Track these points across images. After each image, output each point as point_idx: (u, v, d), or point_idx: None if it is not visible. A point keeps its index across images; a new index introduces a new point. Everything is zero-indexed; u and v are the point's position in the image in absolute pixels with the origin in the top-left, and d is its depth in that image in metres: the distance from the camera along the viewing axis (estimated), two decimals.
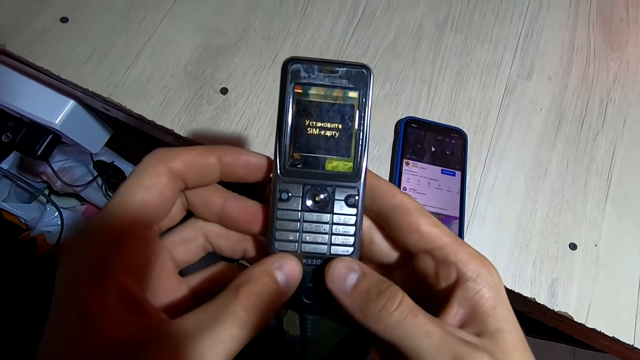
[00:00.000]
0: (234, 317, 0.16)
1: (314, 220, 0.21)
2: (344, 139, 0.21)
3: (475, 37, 0.48)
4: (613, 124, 0.47)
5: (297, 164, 0.21)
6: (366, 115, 0.21)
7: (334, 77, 0.21)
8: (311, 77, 0.21)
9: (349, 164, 0.21)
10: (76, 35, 0.42)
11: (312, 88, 0.21)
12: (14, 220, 0.78)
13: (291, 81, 0.21)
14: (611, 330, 0.38)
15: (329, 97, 0.21)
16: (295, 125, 0.21)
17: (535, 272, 0.40)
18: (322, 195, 0.21)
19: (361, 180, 0.21)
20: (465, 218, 0.40)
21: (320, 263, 0.21)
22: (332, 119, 0.21)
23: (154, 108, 0.41)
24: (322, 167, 0.21)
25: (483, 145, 0.44)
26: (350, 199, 0.21)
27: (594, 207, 0.43)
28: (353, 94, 0.21)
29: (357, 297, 0.18)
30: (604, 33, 0.51)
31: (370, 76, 0.21)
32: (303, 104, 0.21)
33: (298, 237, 0.21)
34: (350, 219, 0.21)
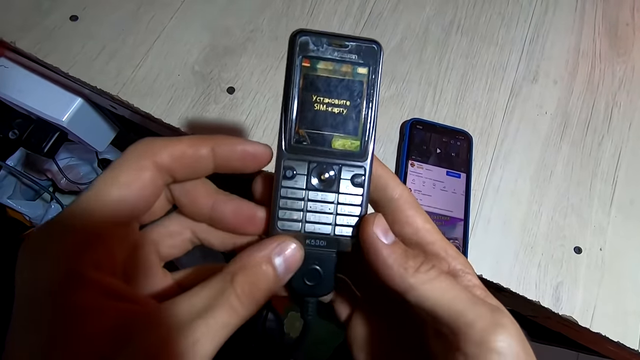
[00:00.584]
0: (229, 306, 0.16)
1: (319, 199, 0.21)
2: (352, 117, 0.20)
3: (481, 39, 0.48)
4: (618, 129, 0.47)
5: (302, 140, 0.20)
6: (375, 92, 0.20)
7: (344, 51, 0.20)
8: (320, 51, 0.20)
9: (356, 142, 0.20)
10: (85, 33, 0.42)
11: (321, 62, 0.20)
12: (18, 218, 0.78)
13: (299, 54, 0.20)
14: (616, 335, 0.38)
15: (338, 72, 0.20)
16: (301, 100, 0.20)
17: (540, 275, 0.40)
18: (328, 174, 0.20)
19: (368, 159, 0.21)
20: (470, 220, 0.40)
21: (324, 245, 0.21)
22: (340, 95, 0.20)
23: (161, 106, 0.41)
24: (329, 144, 0.20)
25: (488, 147, 0.44)
26: (357, 179, 0.21)
27: (599, 211, 0.43)
28: (362, 70, 0.20)
29: (397, 251, 0.19)
30: (609, 37, 0.51)
31: (380, 52, 0.20)
32: (310, 78, 0.20)
33: (302, 216, 0.21)
34: (356, 199, 0.21)
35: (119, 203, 0.16)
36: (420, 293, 0.18)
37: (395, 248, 0.19)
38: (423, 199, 0.40)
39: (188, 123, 0.41)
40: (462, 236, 0.39)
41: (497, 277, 0.39)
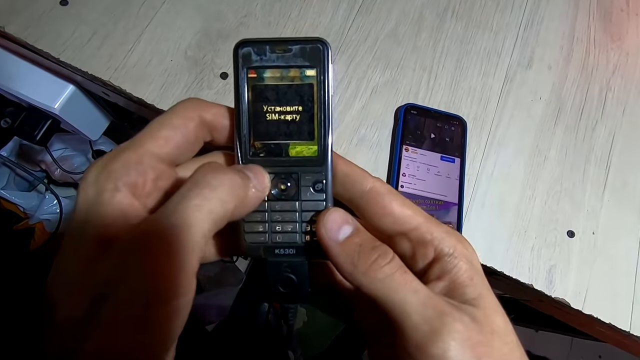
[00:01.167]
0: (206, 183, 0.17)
1: (282, 209, 0.20)
2: (306, 122, 0.20)
3: (476, 25, 0.48)
4: (612, 114, 0.47)
5: (259, 152, 0.20)
6: (326, 93, 0.20)
7: (288, 56, 0.19)
8: (264, 60, 0.20)
9: (313, 147, 0.20)
10: (76, 17, 0.42)
11: (267, 71, 0.20)
12: (12, 209, 0.78)
13: (243, 66, 0.20)
14: (608, 317, 0.39)
15: (286, 79, 0.20)
16: (252, 113, 0.20)
17: (533, 259, 0.40)
18: (288, 184, 0.20)
19: (328, 163, 0.20)
20: (464, 204, 0.40)
21: (293, 253, 0.21)
22: (290, 101, 0.20)
23: (153, 92, 0.41)
24: (286, 153, 0.20)
25: (482, 132, 0.44)
26: (318, 185, 0.20)
27: (593, 195, 0.43)
28: (310, 72, 0.20)
29: (349, 248, 0.19)
30: (604, 23, 0.51)
31: (326, 50, 0.20)
32: (259, 89, 0.20)
33: (267, 227, 0.20)
34: (319, 205, 0.20)
35: (166, 140, 0.18)
36: (369, 292, 0.18)
37: (346, 245, 0.19)
38: (417, 184, 0.40)
39: None
40: (456, 220, 0.40)
41: (490, 261, 0.39)
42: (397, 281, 0.18)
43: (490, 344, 0.17)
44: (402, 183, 0.40)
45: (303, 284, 0.21)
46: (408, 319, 0.17)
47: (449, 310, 0.17)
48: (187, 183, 0.17)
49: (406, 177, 0.40)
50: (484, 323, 0.17)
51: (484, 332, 0.17)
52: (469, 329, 0.17)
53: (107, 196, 0.17)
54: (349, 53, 0.45)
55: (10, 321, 0.68)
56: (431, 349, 0.16)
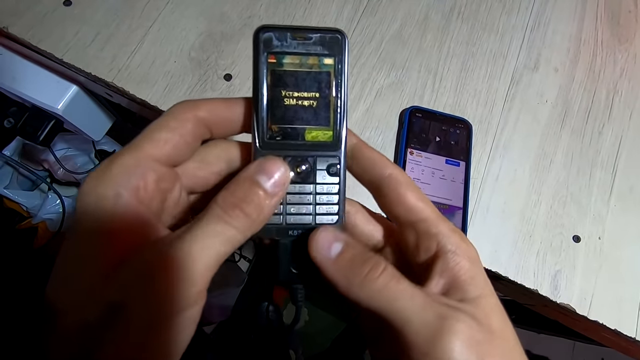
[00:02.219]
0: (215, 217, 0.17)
1: (297, 191, 0.21)
2: (322, 108, 0.21)
3: (482, 27, 0.48)
4: (619, 117, 0.46)
5: (276, 136, 0.21)
6: (343, 82, 0.21)
7: (308, 44, 0.20)
8: (284, 46, 0.20)
9: (328, 132, 0.21)
10: (79, 18, 0.41)
11: (286, 57, 0.20)
12: (15, 208, 0.78)
13: (264, 51, 0.20)
14: (613, 323, 0.38)
15: (305, 65, 0.20)
16: (271, 97, 0.20)
17: (538, 264, 0.40)
18: (303, 167, 0.21)
19: (342, 148, 0.21)
20: (469, 208, 0.40)
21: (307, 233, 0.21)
22: (308, 87, 0.20)
23: (157, 93, 0.40)
24: (302, 137, 0.21)
25: (488, 135, 0.44)
26: (332, 168, 0.21)
27: (599, 200, 0.43)
28: (329, 61, 0.20)
29: (342, 265, 0.19)
30: (611, 25, 0.50)
31: (345, 41, 0.20)
32: (278, 74, 0.20)
33: (282, 209, 0.21)
34: (334, 188, 0.21)
35: (164, 142, 0.19)
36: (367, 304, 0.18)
37: (338, 262, 0.19)
38: (422, 188, 0.40)
39: None
40: (460, 225, 0.39)
41: (495, 266, 0.39)
42: (393, 290, 0.18)
43: (491, 343, 0.17)
44: None
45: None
46: (409, 326, 0.17)
47: (448, 312, 0.17)
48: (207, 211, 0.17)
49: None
50: (484, 322, 0.17)
51: (484, 332, 0.17)
52: (471, 328, 0.17)
53: (111, 203, 0.17)
54: (354, 54, 0.44)
55: (11, 320, 0.68)
56: (435, 352, 0.16)
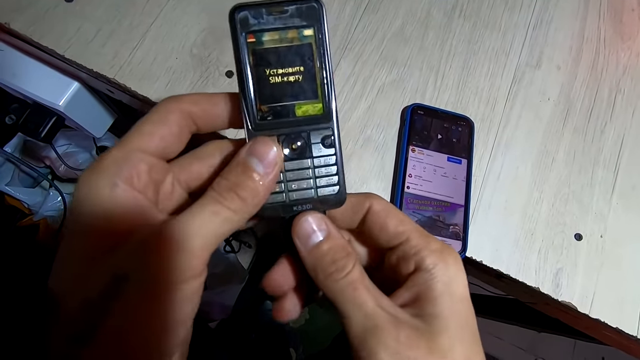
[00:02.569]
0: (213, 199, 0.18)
1: (295, 167, 0.21)
2: (309, 81, 0.20)
3: (484, 24, 0.47)
4: (622, 116, 0.46)
5: (266, 116, 0.21)
6: (326, 51, 0.20)
7: (285, 17, 0.20)
8: (261, 23, 0.20)
9: (318, 105, 0.21)
10: (81, 15, 0.41)
11: (265, 34, 0.20)
12: (16, 205, 0.78)
13: (241, 31, 0.20)
14: (615, 322, 0.38)
15: (285, 40, 0.20)
16: (256, 77, 0.20)
17: (540, 262, 0.40)
18: (298, 143, 0.21)
19: (334, 119, 0.21)
20: (470, 206, 0.40)
21: (310, 207, 0.22)
22: (291, 62, 0.20)
23: (158, 90, 0.40)
24: (293, 114, 0.21)
25: (490, 133, 0.43)
26: (327, 140, 0.21)
27: (601, 198, 0.43)
28: (308, 32, 0.20)
29: (315, 256, 0.20)
30: (614, 23, 0.50)
31: (321, 9, 0.20)
32: (259, 53, 0.20)
33: (284, 187, 0.21)
34: (331, 159, 0.21)
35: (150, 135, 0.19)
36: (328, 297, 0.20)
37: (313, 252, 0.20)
38: (423, 185, 0.40)
39: None
40: (462, 222, 0.39)
41: (497, 263, 0.39)
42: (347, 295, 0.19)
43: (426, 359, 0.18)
44: (408, 184, 0.39)
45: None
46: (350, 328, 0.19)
47: (384, 324, 0.18)
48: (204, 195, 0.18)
49: (412, 178, 0.40)
50: (426, 341, 0.18)
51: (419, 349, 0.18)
52: (400, 344, 0.18)
53: (107, 192, 0.18)
54: (356, 52, 0.44)
55: (13, 316, 0.68)
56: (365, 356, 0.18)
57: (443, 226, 0.39)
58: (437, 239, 0.21)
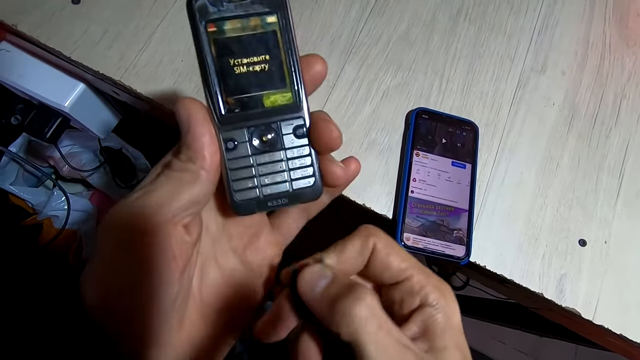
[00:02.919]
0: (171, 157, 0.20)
1: (267, 160, 0.20)
2: (275, 69, 0.19)
3: (489, 29, 0.47)
4: (627, 122, 0.46)
5: (234, 108, 0.19)
6: (291, 37, 0.19)
7: (246, 4, 0.19)
8: (221, 11, 0.19)
9: (287, 94, 0.20)
10: (88, 17, 0.42)
11: (226, 22, 0.19)
12: (21, 204, 0.78)
13: (201, 20, 0.19)
14: (619, 328, 0.38)
15: (247, 28, 0.19)
16: (220, 68, 0.19)
17: (543, 267, 0.40)
18: (269, 135, 0.20)
19: (304, 107, 0.20)
20: (474, 211, 0.40)
21: (286, 202, 0.21)
22: (256, 51, 0.19)
23: (164, 92, 0.40)
24: (261, 104, 0.20)
25: (494, 138, 0.43)
26: (299, 130, 0.20)
27: (605, 204, 0.43)
28: (271, 19, 0.19)
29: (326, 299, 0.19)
30: (619, 28, 0.50)
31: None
32: (221, 42, 0.19)
33: (256, 182, 0.20)
34: (304, 150, 0.20)
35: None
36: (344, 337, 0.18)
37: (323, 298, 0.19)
38: (428, 189, 0.40)
39: None
40: (466, 227, 0.39)
41: (500, 269, 0.39)
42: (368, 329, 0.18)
43: None
44: (412, 188, 0.39)
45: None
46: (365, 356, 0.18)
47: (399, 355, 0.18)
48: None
49: (416, 182, 0.40)
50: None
51: None
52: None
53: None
54: (361, 55, 0.44)
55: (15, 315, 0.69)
56: None
57: (447, 231, 0.39)
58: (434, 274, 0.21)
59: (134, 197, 0.19)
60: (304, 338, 0.20)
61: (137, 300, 0.19)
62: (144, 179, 0.21)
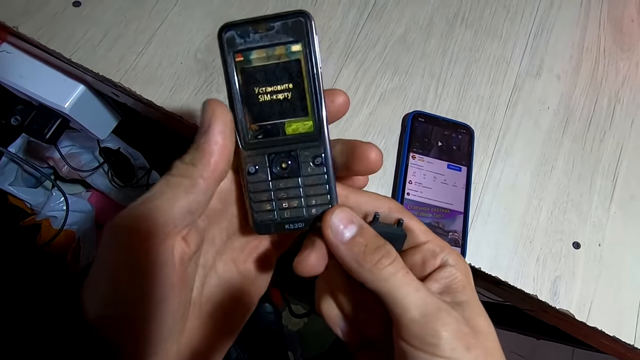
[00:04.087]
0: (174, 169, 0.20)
1: (285, 186, 0.21)
2: (298, 98, 0.20)
3: (486, 33, 0.48)
4: (621, 125, 0.47)
5: (257, 135, 0.20)
6: (315, 66, 0.20)
7: (272, 34, 0.19)
8: (248, 42, 0.19)
9: (308, 123, 0.20)
10: (88, 19, 0.42)
11: (253, 52, 0.20)
12: (19, 205, 0.78)
13: (229, 51, 0.20)
14: (612, 330, 0.39)
15: (272, 58, 0.20)
16: (245, 96, 0.20)
17: (538, 269, 0.40)
18: (288, 162, 0.21)
19: (324, 137, 0.20)
20: (470, 213, 0.40)
21: (302, 226, 0.21)
22: (280, 79, 0.20)
23: (163, 94, 0.41)
24: (283, 132, 0.20)
25: (490, 141, 0.44)
26: (317, 159, 0.21)
27: (599, 207, 0.43)
28: (296, 47, 0.20)
29: (355, 248, 0.20)
30: (614, 34, 0.51)
31: (309, 22, 0.19)
32: (247, 72, 0.20)
33: (274, 205, 0.21)
34: (321, 178, 0.21)
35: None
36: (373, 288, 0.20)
37: (352, 245, 0.20)
38: (423, 192, 0.40)
39: (190, 112, 0.41)
40: (461, 229, 0.40)
41: (495, 270, 0.39)
42: (400, 280, 0.19)
43: (475, 338, 0.19)
44: (408, 190, 0.40)
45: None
46: (408, 313, 0.19)
47: (444, 307, 0.19)
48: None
49: (412, 185, 0.40)
50: (470, 322, 0.20)
51: (470, 328, 0.20)
52: (459, 322, 0.19)
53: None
54: (358, 58, 0.45)
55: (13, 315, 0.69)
56: (428, 338, 0.18)
57: (442, 233, 0.39)
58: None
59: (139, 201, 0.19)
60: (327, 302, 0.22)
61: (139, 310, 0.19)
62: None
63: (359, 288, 0.22)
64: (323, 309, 0.24)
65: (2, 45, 0.46)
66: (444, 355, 0.18)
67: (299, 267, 0.20)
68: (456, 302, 0.21)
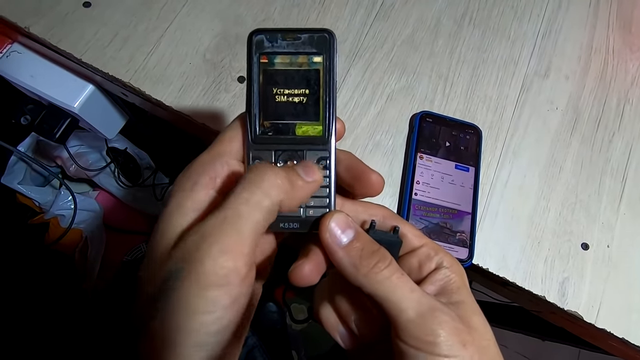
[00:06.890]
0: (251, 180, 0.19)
1: None
2: (312, 104, 0.22)
3: (493, 33, 0.48)
4: (630, 126, 0.46)
5: (267, 131, 0.22)
6: (332, 78, 0.22)
7: (298, 44, 0.21)
8: (275, 46, 0.21)
9: (318, 127, 0.22)
10: (98, 19, 0.42)
11: (277, 57, 0.21)
12: (28, 203, 0.79)
13: (256, 52, 0.21)
14: (621, 332, 0.38)
15: (294, 64, 0.22)
16: (263, 94, 0.21)
17: (546, 270, 0.40)
18: (294, 161, 0.22)
19: (331, 142, 0.22)
20: (477, 214, 0.40)
21: (297, 226, 0.22)
22: (298, 84, 0.22)
23: (172, 94, 0.41)
24: (293, 132, 0.22)
25: (498, 141, 0.44)
26: (322, 162, 0.22)
27: (608, 208, 0.43)
28: (317, 59, 0.21)
29: (352, 252, 0.21)
30: (623, 34, 0.50)
31: (332, 40, 0.21)
32: (269, 72, 0.22)
33: None
34: (324, 181, 0.22)
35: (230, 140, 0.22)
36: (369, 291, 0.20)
37: (349, 250, 0.21)
38: (431, 192, 0.40)
39: (198, 111, 0.41)
40: (469, 230, 0.39)
41: (503, 271, 0.39)
42: (395, 282, 0.20)
43: (471, 335, 0.20)
44: (415, 191, 0.40)
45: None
46: (404, 314, 0.19)
47: (439, 306, 0.20)
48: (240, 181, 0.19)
49: (420, 185, 0.40)
50: (465, 320, 0.20)
51: (465, 325, 0.20)
52: (455, 320, 0.20)
53: (187, 190, 0.20)
54: (366, 58, 0.45)
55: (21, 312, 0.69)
56: (425, 337, 0.19)
57: (450, 233, 0.39)
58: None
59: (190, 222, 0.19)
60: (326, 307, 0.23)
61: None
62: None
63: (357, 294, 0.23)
64: (321, 315, 0.24)
65: (13, 46, 0.47)
66: (442, 353, 0.19)
67: (292, 276, 0.21)
68: (451, 302, 0.21)
